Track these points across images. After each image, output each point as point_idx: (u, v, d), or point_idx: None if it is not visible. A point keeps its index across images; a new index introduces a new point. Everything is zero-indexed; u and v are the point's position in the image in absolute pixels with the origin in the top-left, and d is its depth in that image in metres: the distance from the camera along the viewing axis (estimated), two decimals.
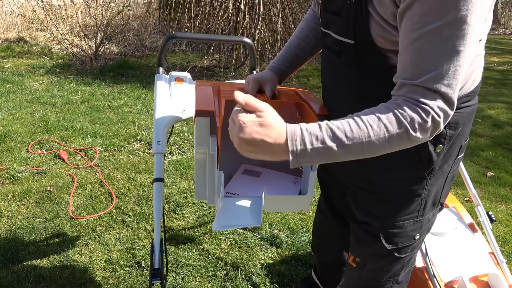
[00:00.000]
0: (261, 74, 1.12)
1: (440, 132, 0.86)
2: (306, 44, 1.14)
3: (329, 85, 1.02)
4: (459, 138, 0.92)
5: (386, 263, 1.03)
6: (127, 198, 2.29)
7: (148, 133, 3.11)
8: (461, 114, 0.89)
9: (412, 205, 0.96)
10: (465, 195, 2.57)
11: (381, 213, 0.98)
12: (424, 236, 1.04)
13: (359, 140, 0.71)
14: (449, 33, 0.67)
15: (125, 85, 4.23)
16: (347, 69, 0.91)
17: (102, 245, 1.91)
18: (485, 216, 1.52)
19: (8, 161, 2.58)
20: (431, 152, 0.89)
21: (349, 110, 0.88)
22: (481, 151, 3.33)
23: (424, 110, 0.70)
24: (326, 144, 0.70)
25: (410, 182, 0.93)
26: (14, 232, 1.96)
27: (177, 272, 1.77)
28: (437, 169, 0.92)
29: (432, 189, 0.95)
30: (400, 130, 0.71)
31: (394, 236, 0.99)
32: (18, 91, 3.84)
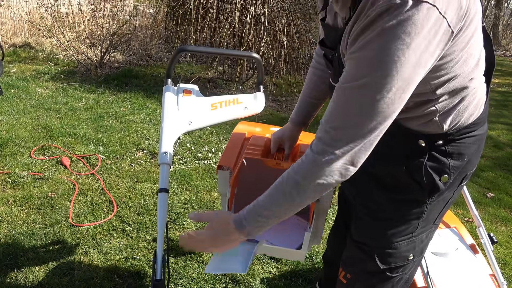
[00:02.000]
0: (281, 131, 1.29)
1: (443, 163, 0.88)
2: (317, 93, 1.23)
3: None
4: (465, 168, 0.92)
5: (377, 281, 1.04)
6: (128, 207, 2.28)
7: (150, 143, 3.12)
8: (463, 144, 0.89)
9: (409, 227, 0.97)
10: (465, 215, 2.57)
11: (378, 233, 0.99)
12: (418, 257, 1.04)
13: (277, 208, 0.85)
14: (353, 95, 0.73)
15: (129, 94, 4.26)
16: (335, 75, 0.94)
17: (102, 254, 1.90)
18: (487, 237, 1.53)
19: (10, 166, 2.58)
20: (436, 182, 0.90)
21: None
22: (482, 172, 3.34)
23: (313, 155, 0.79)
24: (259, 220, 0.86)
25: (411, 205, 0.94)
26: (14, 237, 1.95)
27: (176, 284, 1.76)
28: (440, 197, 0.94)
29: (431, 213, 0.96)
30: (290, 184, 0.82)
31: (388, 256, 1.00)
32: (22, 96, 3.87)
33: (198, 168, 2.84)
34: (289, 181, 0.82)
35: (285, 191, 0.82)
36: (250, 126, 1.53)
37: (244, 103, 1.58)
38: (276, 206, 0.84)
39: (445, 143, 0.88)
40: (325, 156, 0.76)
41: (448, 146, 0.88)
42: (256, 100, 1.62)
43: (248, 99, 1.60)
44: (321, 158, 0.77)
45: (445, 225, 1.68)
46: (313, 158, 0.78)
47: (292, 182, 0.81)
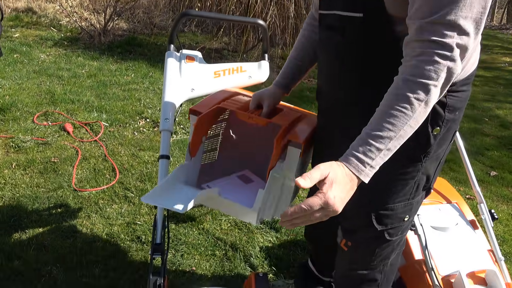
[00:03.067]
0: (262, 90, 1.24)
1: (439, 115, 0.89)
2: (303, 54, 1.19)
3: (328, 72, 1.03)
4: (454, 123, 0.95)
5: (377, 246, 1.05)
6: (130, 174, 2.30)
7: (153, 112, 3.10)
8: (458, 98, 0.91)
9: (405, 188, 0.98)
10: (467, 192, 2.57)
11: (374, 196, 0.99)
12: (412, 218, 1.07)
13: (404, 122, 0.75)
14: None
15: (133, 62, 4.21)
16: (351, 48, 0.91)
17: (104, 218, 1.93)
18: (487, 213, 1.53)
19: (14, 130, 2.58)
20: (429, 133, 0.91)
21: (350, 98, 0.88)
22: (486, 151, 3.32)
23: (438, 52, 0.72)
24: (382, 150, 0.76)
25: (406, 164, 0.95)
26: (17, 200, 1.98)
27: (176, 249, 1.79)
28: (432, 153, 0.95)
29: (425, 172, 0.98)
30: (427, 92, 0.74)
31: (385, 217, 1.01)
32: (25, 61, 3.83)
33: None
34: (412, 86, 0.74)
35: (408, 96, 0.74)
36: (239, 89, 1.48)
37: (248, 71, 1.55)
38: (398, 122, 0.75)
39: (447, 94, 0.87)
40: (448, 45, 0.72)
41: (448, 97, 0.88)
42: (260, 69, 1.58)
43: (252, 67, 1.57)
44: (444, 50, 0.72)
45: (446, 200, 1.68)
46: (436, 54, 0.72)
47: (418, 86, 0.74)
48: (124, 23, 5.56)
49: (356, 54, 0.91)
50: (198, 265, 1.73)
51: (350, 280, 1.18)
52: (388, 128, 0.75)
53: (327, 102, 1.10)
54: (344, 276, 1.22)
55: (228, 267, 1.74)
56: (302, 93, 4.09)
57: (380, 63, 0.88)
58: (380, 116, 0.76)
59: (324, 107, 1.14)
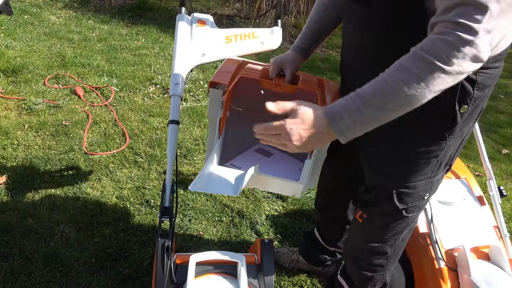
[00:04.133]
0: (282, 56, 1.15)
1: (467, 92, 0.85)
2: (326, 17, 1.12)
3: (353, 44, 0.99)
4: (482, 101, 0.91)
5: (393, 221, 1.05)
6: (140, 139, 2.32)
7: (163, 78, 3.09)
8: (489, 75, 0.86)
9: (428, 166, 0.96)
10: (476, 169, 2.55)
11: (397, 173, 0.98)
12: (431, 195, 1.06)
13: (396, 95, 0.71)
14: None
15: (143, 27, 4.15)
16: (377, 22, 0.88)
17: (114, 182, 1.96)
18: (496, 190, 1.52)
19: (26, 93, 2.60)
20: (456, 111, 0.87)
21: (375, 72, 0.85)
22: (499, 128, 3.26)
23: (460, 35, 0.66)
24: (364, 113, 0.74)
25: (431, 142, 0.92)
26: (30, 161, 2.02)
27: (184, 214, 1.83)
28: (457, 131, 0.92)
29: (448, 150, 0.95)
30: (427, 70, 0.69)
31: (406, 196, 1.00)
32: (36, 23, 3.80)
33: None
34: (417, 61, 0.69)
35: (410, 77, 0.70)
36: (243, 59, 1.42)
37: (260, 37, 1.51)
38: (389, 92, 0.72)
39: (477, 71, 0.83)
40: (473, 29, 0.65)
41: (478, 75, 0.84)
42: (273, 35, 1.55)
43: (265, 33, 1.53)
44: (468, 34, 0.66)
45: (455, 175, 1.66)
46: (457, 36, 0.66)
47: (424, 65, 0.68)
48: None
49: (382, 28, 0.88)
50: (205, 230, 1.77)
51: (360, 251, 1.20)
52: (377, 95, 0.72)
53: (351, 72, 1.07)
54: (354, 248, 1.23)
55: (234, 233, 1.78)
56: (313, 63, 4.01)
57: (406, 39, 0.84)
58: (377, 80, 0.73)
59: (348, 78, 1.10)
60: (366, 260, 1.19)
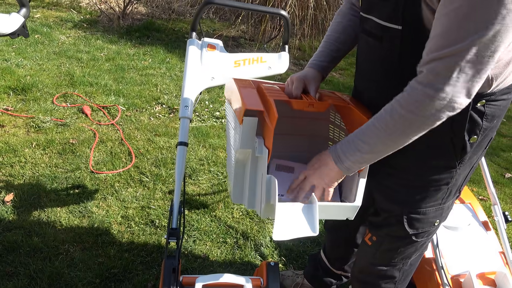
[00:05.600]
0: (303, 73, 1.11)
1: (477, 123, 0.88)
2: (345, 37, 1.12)
3: (366, 70, 1.02)
4: (491, 131, 0.94)
5: (402, 245, 1.06)
6: (146, 158, 2.34)
7: (169, 98, 3.13)
8: (497, 107, 0.89)
9: (438, 193, 0.98)
10: (480, 193, 2.55)
11: (408, 199, 0.99)
12: (441, 222, 1.07)
13: (379, 140, 0.85)
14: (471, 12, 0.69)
15: (150, 47, 4.23)
16: (388, 55, 0.91)
17: (119, 201, 1.98)
18: (501, 215, 1.52)
19: (34, 111, 2.64)
20: (466, 142, 0.90)
21: (386, 96, 0.88)
22: (502, 152, 3.27)
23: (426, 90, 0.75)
24: (358, 154, 0.88)
25: (441, 170, 0.94)
26: (37, 179, 2.04)
27: (189, 235, 1.83)
28: (467, 160, 0.94)
29: (458, 178, 0.97)
30: (402, 121, 0.80)
31: (416, 221, 1.01)
32: (46, 43, 3.88)
33: (215, 126, 2.85)
34: (393, 115, 0.81)
35: (388, 125, 0.82)
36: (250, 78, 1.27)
37: (268, 62, 1.55)
38: (375, 140, 0.85)
39: (485, 103, 0.87)
40: (438, 87, 0.74)
41: (486, 106, 0.87)
42: (280, 60, 1.59)
43: (272, 58, 1.58)
44: (432, 90, 0.75)
45: (460, 200, 1.67)
46: (423, 91, 0.76)
47: (397, 116, 0.80)
48: (142, 7, 5.57)
49: (392, 63, 0.91)
50: (209, 251, 1.77)
51: (368, 275, 1.20)
52: (364, 141, 0.86)
53: (363, 101, 1.08)
54: (362, 271, 1.23)
55: (239, 255, 1.77)
56: None
57: (414, 75, 0.87)
58: (368, 125, 0.87)
59: (360, 90, 1.12)
60: (374, 283, 1.19)
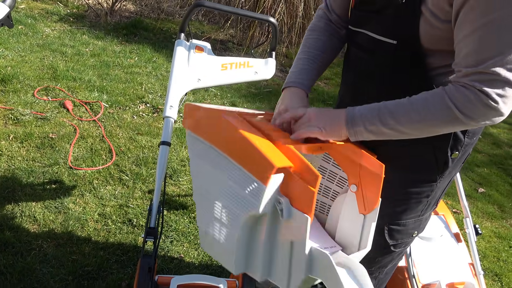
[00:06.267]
0: (293, 103, 0.97)
1: (459, 140, 0.91)
2: (326, 56, 1.06)
3: (355, 83, 1.02)
4: (470, 147, 0.97)
5: (380, 254, 1.08)
6: (127, 157, 2.32)
7: (154, 97, 3.11)
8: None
9: (419, 205, 1.00)
10: (454, 206, 2.63)
11: (389, 211, 1.01)
12: (419, 233, 1.09)
13: (409, 120, 0.80)
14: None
15: (137, 46, 4.20)
16: (380, 69, 0.91)
17: (97, 199, 1.95)
18: (472, 228, 1.57)
19: (13, 102, 2.58)
20: (448, 157, 0.93)
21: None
22: (476, 167, 3.38)
23: (481, 96, 0.73)
24: (378, 125, 0.82)
25: (423, 184, 0.97)
26: (12, 172, 1.99)
27: (166, 235, 1.82)
28: (447, 174, 0.97)
29: (438, 191, 1.00)
30: (445, 113, 0.77)
31: (396, 232, 1.03)
32: (29, 34, 3.80)
33: None
34: (440, 104, 0.77)
35: (429, 110, 0.78)
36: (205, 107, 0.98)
37: (255, 67, 1.57)
38: (406, 118, 0.80)
39: None
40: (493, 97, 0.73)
41: None
42: (266, 66, 1.61)
43: (259, 64, 1.60)
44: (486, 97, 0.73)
45: (434, 212, 1.72)
46: (477, 96, 0.73)
47: (444, 107, 0.77)
48: (131, 5, 5.53)
49: (383, 78, 0.91)
50: (186, 252, 1.76)
51: None
52: (395, 117, 0.80)
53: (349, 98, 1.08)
54: None
55: None
56: None
57: (406, 89, 0.88)
58: (400, 103, 0.81)
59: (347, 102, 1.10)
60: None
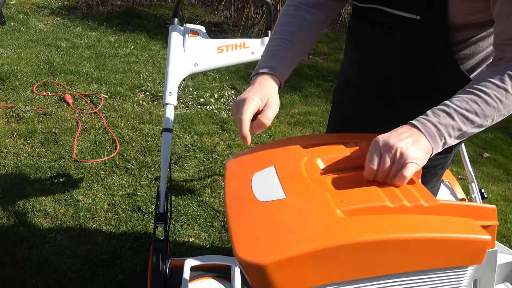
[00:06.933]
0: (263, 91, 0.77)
1: None
2: (311, 40, 0.90)
3: (363, 62, 0.96)
4: None
5: None
6: (131, 146, 2.33)
7: (153, 85, 3.11)
8: None
9: (434, 178, 1.00)
10: (459, 173, 2.64)
11: None
12: None
13: (491, 117, 0.73)
14: None
15: (132, 34, 4.16)
16: (397, 47, 0.86)
17: (105, 189, 1.97)
18: (478, 192, 1.59)
19: (13, 100, 2.59)
20: None
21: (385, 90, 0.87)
22: (481, 133, 3.37)
23: None
24: (462, 130, 0.72)
25: (438, 156, 0.93)
26: (20, 169, 2.01)
27: (176, 220, 1.85)
28: (460, 144, 0.96)
29: (449, 161, 1.00)
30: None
31: None
32: (23, 30, 3.77)
33: (200, 113, 2.85)
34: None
35: (508, 93, 0.71)
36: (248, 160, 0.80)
37: (251, 47, 1.56)
38: (491, 113, 0.72)
39: None
40: None
41: None
42: (263, 46, 1.60)
43: (255, 44, 1.58)
44: None
45: None
46: None
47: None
48: None
49: (402, 56, 0.86)
50: (197, 235, 1.79)
51: None
52: (474, 112, 0.71)
53: (358, 91, 1.02)
54: None
55: (226, 237, 1.80)
56: (301, 70, 4.08)
57: (427, 67, 0.85)
58: (469, 97, 0.71)
59: (354, 96, 1.05)
60: None
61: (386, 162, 0.66)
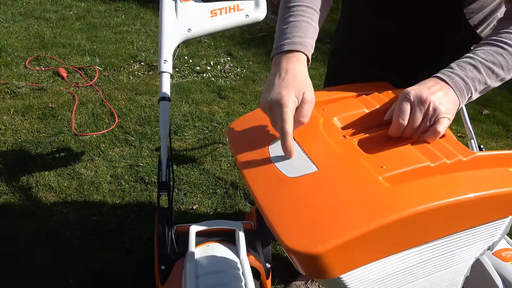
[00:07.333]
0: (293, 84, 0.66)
1: None
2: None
3: (362, 21, 0.93)
4: None
5: None
6: (129, 118, 2.32)
7: (147, 55, 3.05)
8: None
9: None
10: (458, 131, 2.64)
11: None
12: None
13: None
14: None
15: (122, 3, 4.04)
16: (405, 5, 0.83)
17: (107, 161, 1.99)
18: (477, 148, 1.59)
19: (7, 76, 2.55)
20: None
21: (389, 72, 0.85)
22: None
23: None
24: (487, 84, 0.70)
25: None
26: (20, 145, 2.02)
27: (179, 188, 1.88)
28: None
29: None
30: None
31: None
32: (9, 3, 3.66)
33: (196, 81, 2.82)
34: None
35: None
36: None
37: (245, 10, 1.52)
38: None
39: None
40: None
41: None
42: (258, 7, 1.55)
43: (249, 5, 1.54)
44: None
45: None
46: None
47: None
48: None
49: (412, 14, 0.84)
50: (200, 202, 1.82)
51: None
52: (499, 65, 0.68)
53: (354, 52, 1.01)
54: None
55: (229, 203, 1.84)
56: None
57: (433, 24, 0.83)
58: (494, 50, 0.69)
59: (350, 56, 1.04)
60: None
61: (418, 117, 0.64)
